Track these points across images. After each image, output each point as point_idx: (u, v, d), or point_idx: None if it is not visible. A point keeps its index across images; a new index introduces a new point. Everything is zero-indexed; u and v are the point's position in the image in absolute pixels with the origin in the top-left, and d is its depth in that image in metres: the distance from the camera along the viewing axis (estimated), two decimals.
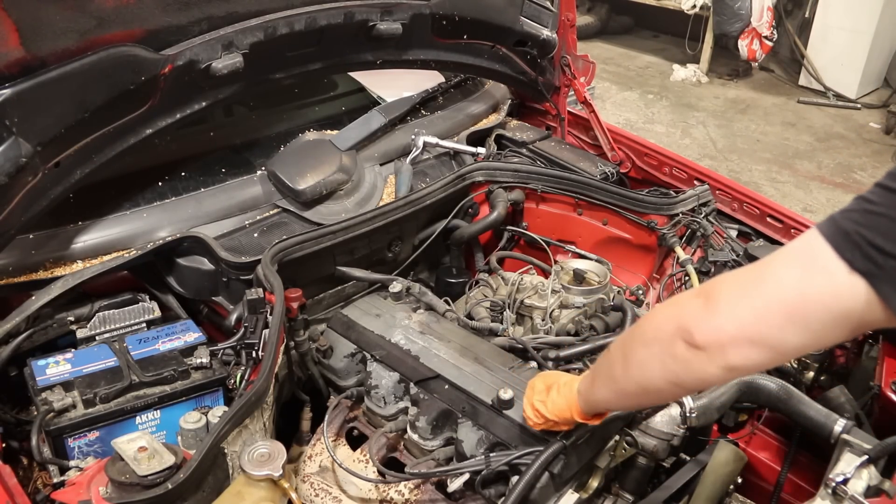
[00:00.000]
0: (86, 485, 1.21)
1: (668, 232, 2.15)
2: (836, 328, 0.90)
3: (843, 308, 0.87)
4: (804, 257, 0.91)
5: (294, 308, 1.61)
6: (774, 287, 0.92)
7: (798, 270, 0.91)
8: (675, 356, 1.00)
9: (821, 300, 0.88)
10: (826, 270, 0.87)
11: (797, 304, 0.90)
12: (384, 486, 1.54)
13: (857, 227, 0.86)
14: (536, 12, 2.35)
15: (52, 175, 1.52)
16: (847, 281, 0.85)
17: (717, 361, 0.96)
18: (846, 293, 0.86)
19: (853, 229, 0.86)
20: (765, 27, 6.61)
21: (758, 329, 0.92)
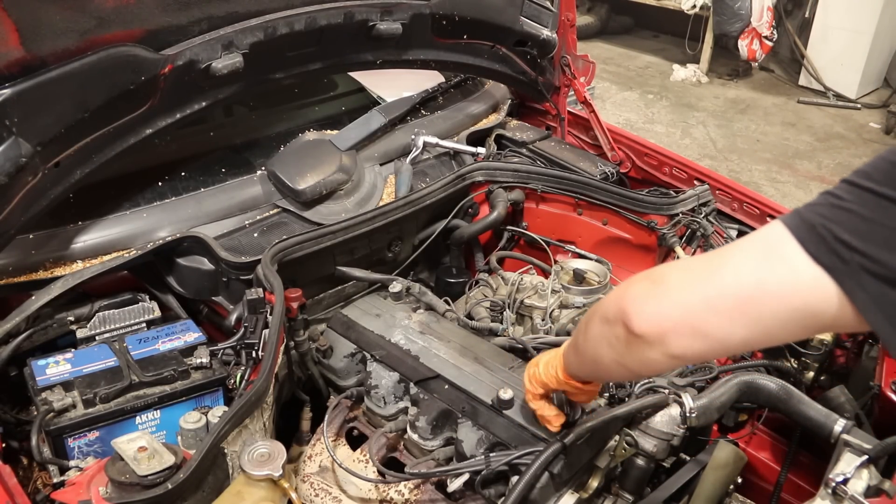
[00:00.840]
0: (86, 485, 1.21)
1: (668, 232, 2.15)
2: (791, 324, 0.87)
3: (801, 302, 0.85)
4: (765, 247, 0.88)
5: (294, 308, 1.61)
6: (730, 276, 0.88)
7: (757, 260, 0.88)
8: (619, 338, 0.98)
9: (779, 292, 0.86)
10: (788, 262, 0.85)
11: (752, 294, 0.87)
12: (384, 486, 1.54)
13: (823, 220, 0.84)
14: (536, 12, 2.35)
15: (52, 175, 1.52)
16: (810, 274, 0.83)
17: (658, 348, 0.94)
18: (807, 287, 0.84)
19: (819, 223, 0.84)
20: (765, 27, 6.61)
21: (705, 318, 0.89)
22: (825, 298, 0.83)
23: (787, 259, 0.85)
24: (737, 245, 0.92)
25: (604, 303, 1.06)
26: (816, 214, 0.85)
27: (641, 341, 0.94)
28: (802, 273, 0.83)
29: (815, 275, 0.83)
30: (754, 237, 0.91)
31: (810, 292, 0.84)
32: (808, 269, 0.83)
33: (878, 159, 0.86)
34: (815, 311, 0.85)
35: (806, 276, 0.83)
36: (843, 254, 0.81)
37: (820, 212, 0.85)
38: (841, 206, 0.84)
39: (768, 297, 0.86)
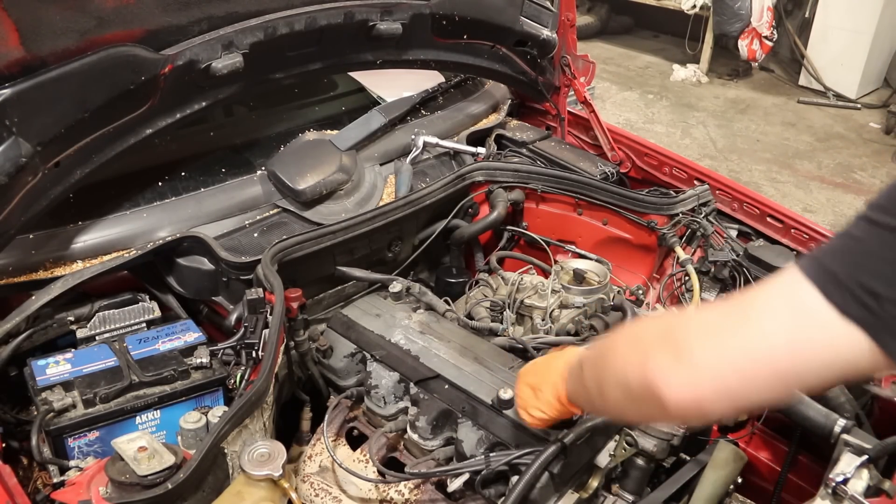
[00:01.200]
0: (86, 485, 1.21)
1: (668, 232, 2.15)
2: (826, 378, 0.83)
3: (836, 358, 0.80)
4: (791, 304, 0.82)
5: (294, 308, 1.61)
6: (759, 340, 0.82)
7: (785, 320, 0.81)
8: (650, 409, 0.93)
9: (812, 353, 0.81)
10: (817, 320, 0.79)
11: (786, 359, 0.82)
12: (384, 486, 1.54)
13: (846, 268, 0.78)
14: (536, 12, 2.35)
15: (52, 175, 1.52)
16: (841, 330, 0.78)
17: (695, 416, 0.90)
18: (844, 344, 0.78)
19: (843, 272, 0.78)
20: (765, 27, 6.61)
21: (741, 387, 0.84)
22: (860, 352, 0.78)
23: (815, 316, 0.80)
24: (759, 300, 0.85)
25: (618, 367, 0.98)
26: (837, 261, 0.80)
27: (678, 412, 0.90)
28: (833, 330, 0.79)
29: (846, 330, 0.78)
30: (776, 291, 0.85)
31: (844, 348, 0.79)
32: (838, 326, 0.78)
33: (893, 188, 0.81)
34: (850, 364, 0.81)
35: (837, 332, 0.78)
36: (872, 305, 0.76)
37: (840, 257, 0.80)
38: (861, 250, 0.78)
39: (802, 359, 0.82)
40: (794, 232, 2.10)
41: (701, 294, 2.08)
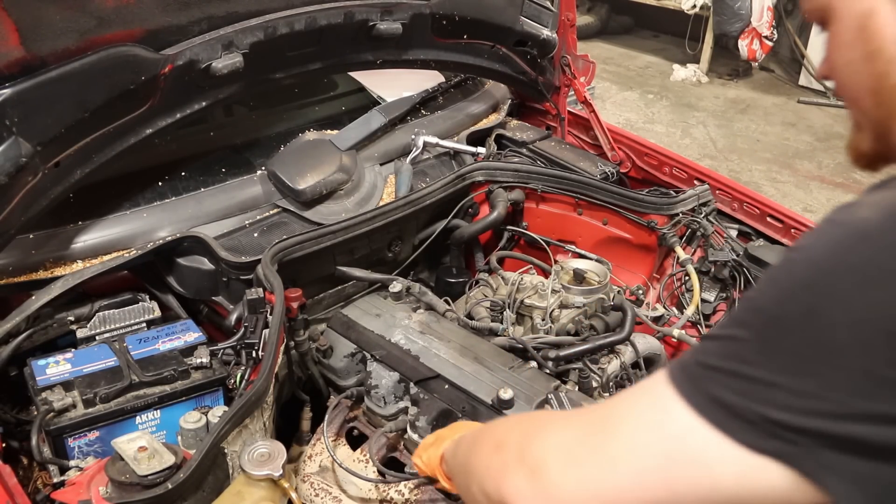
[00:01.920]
0: (86, 485, 1.21)
1: (669, 232, 2.15)
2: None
3: (745, 496, 0.67)
4: (665, 439, 0.69)
5: (294, 308, 1.61)
6: (629, 478, 0.71)
7: (661, 460, 0.69)
8: None
9: (700, 495, 0.68)
10: (707, 459, 0.67)
11: (668, 500, 0.69)
12: (384, 486, 1.54)
13: (744, 401, 0.64)
14: (536, 12, 2.35)
15: (52, 175, 1.52)
16: (754, 465, 0.65)
17: None
18: (756, 479, 0.65)
19: (740, 404, 0.65)
20: (765, 27, 6.61)
21: None
22: (770, 484, 0.65)
23: (703, 455, 0.67)
24: (625, 430, 0.73)
25: (481, 472, 0.88)
26: (728, 391, 0.66)
27: None
28: (732, 467, 0.66)
29: (761, 464, 0.65)
30: (647, 418, 0.71)
31: (745, 484, 0.66)
32: (749, 461, 0.65)
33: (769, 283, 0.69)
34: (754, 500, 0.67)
35: (739, 468, 0.66)
36: (788, 436, 0.63)
37: (731, 386, 0.66)
38: (758, 379, 0.64)
39: (682, 498, 0.69)
40: (794, 232, 2.11)
41: (701, 294, 2.08)
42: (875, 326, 0.60)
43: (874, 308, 0.60)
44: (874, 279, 0.61)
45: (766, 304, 0.66)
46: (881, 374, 0.60)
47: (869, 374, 0.60)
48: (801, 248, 0.68)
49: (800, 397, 0.62)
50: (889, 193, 0.65)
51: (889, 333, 0.59)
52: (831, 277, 0.63)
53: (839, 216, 0.66)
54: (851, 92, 0.78)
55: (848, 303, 0.61)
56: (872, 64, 0.73)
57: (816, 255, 0.65)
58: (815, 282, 0.64)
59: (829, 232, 0.66)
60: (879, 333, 0.60)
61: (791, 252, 0.68)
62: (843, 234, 0.64)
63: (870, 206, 0.64)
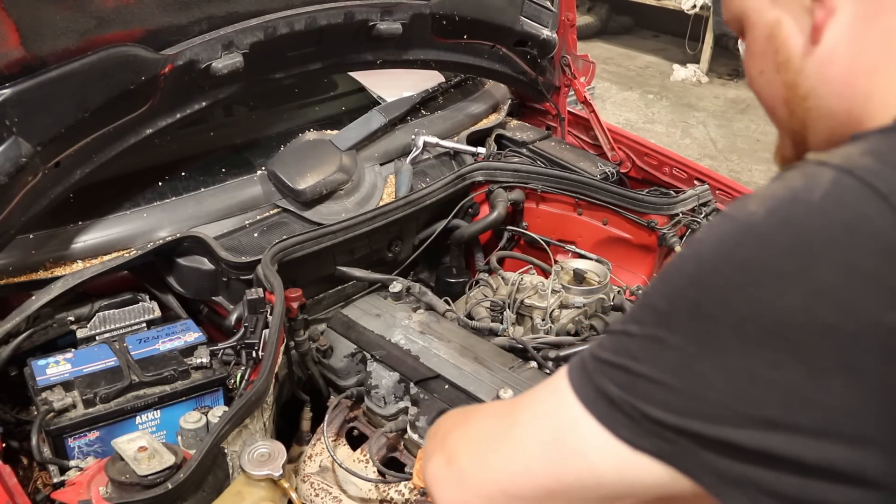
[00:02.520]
0: (86, 485, 1.21)
1: (669, 232, 2.15)
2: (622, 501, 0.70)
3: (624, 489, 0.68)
4: (554, 428, 0.70)
5: (294, 308, 1.61)
6: (522, 468, 0.72)
7: (547, 450, 0.70)
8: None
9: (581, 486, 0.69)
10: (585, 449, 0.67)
11: (553, 490, 0.71)
12: (384, 486, 1.54)
13: (626, 396, 0.64)
14: (536, 12, 2.35)
15: (52, 175, 1.52)
16: (633, 460, 0.65)
17: None
18: (635, 474, 0.66)
19: (620, 397, 0.65)
20: None
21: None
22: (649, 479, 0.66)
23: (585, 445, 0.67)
24: (525, 418, 0.74)
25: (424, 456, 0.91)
26: (613, 384, 0.66)
27: None
28: (611, 460, 0.66)
29: (638, 461, 0.65)
30: (543, 408, 0.73)
31: (624, 478, 0.67)
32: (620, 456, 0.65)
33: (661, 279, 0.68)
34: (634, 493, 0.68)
35: (618, 463, 0.66)
36: (667, 435, 0.63)
37: (616, 380, 0.66)
38: (642, 375, 0.64)
39: (569, 489, 0.70)
40: None
41: None
42: (758, 326, 0.58)
43: (757, 306, 0.59)
44: (757, 277, 0.59)
45: (656, 300, 0.65)
46: (763, 377, 0.58)
47: (751, 376, 0.59)
48: (694, 242, 0.66)
49: (680, 397, 0.61)
50: (777, 186, 0.63)
51: (771, 333, 0.58)
52: (716, 274, 0.61)
53: (731, 209, 0.65)
54: (767, 101, 0.78)
55: (731, 301, 0.60)
56: (782, 74, 0.73)
57: (704, 250, 0.64)
58: (701, 278, 0.62)
59: (719, 226, 0.64)
60: (762, 333, 0.58)
61: (685, 247, 0.67)
62: (731, 228, 0.62)
63: (759, 199, 0.62)
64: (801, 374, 0.57)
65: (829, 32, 0.69)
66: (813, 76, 0.71)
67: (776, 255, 0.59)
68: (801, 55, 0.71)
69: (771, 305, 0.58)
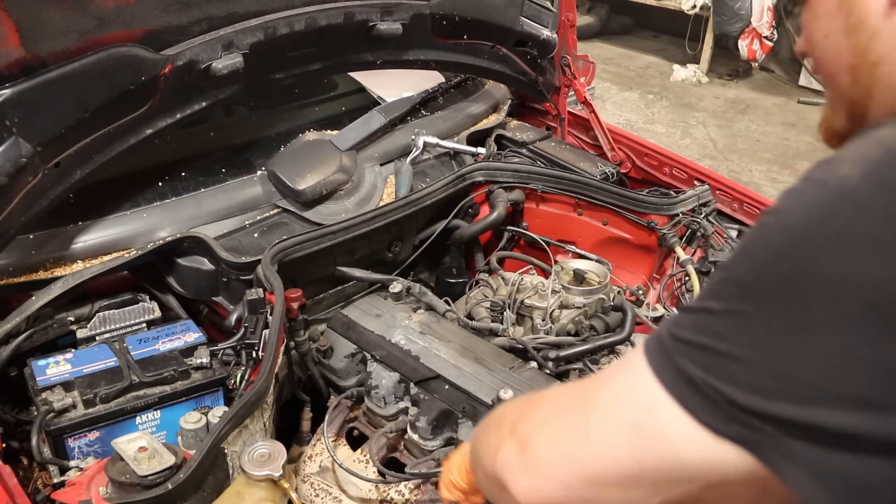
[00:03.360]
0: (86, 485, 1.21)
1: (669, 232, 2.15)
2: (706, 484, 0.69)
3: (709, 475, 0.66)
4: (634, 415, 0.68)
5: (294, 308, 1.61)
6: (602, 455, 0.70)
7: (628, 435, 0.68)
8: (506, 499, 0.81)
9: (666, 471, 0.67)
10: (669, 435, 0.65)
11: (635, 475, 0.69)
12: (384, 487, 1.54)
13: (708, 377, 0.61)
14: (536, 12, 2.35)
15: (52, 175, 1.52)
16: (715, 447, 0.62)
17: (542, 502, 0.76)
18: (718, 460, 0.63)
19: (702, 379, 0.62)
20: (765, 27, 6.61)
21: (591, 494, 0.72)
22: (731, 467, 0.64)
23: (666, 430, 0.65)
24: (601, 402, 0.72)
25: (482, 448, 0.88)
26: (694, 364, 0.63)
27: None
28: (693, 446, 0.64)
29: (720, 448, 0.62)
30: (621, 390, 0.70)
31: (708, 464, 0.64)
32: (701, 442, 0.63)
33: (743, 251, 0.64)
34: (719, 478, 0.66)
35: (700, 448, 0.63)
36: (751, 422, 0.60)
37: (698, 360, 0.63)
38: (725, 354, 0.60)
39: (653, 473, 0.68)
40: None
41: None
42: (855, 298, 0.55)
43: (854, 278, 0.55)
44: (855, 246, 0.55)
45: (740, 274, 0.62)
46: (858, 353, 0.55)
47: (845, 353, 0.55)
48: (778, 211, 0.62)
49: (766, 376, 0.58)
50: (868, 145, 0.59)
51: (869, 307, 0.54)
52: (808, 244, 0.58)
53: (818, 174, 0.60)
54: (828, 68, 0.73)
55: (825, 273, 0.56)
56: (852, 38, 0.68)
57: (793, 219, 0.60)
58: (791, 249, 0.58)
59: (807, 192, 0.60)
60: (858, 306, 0.55)
61: (767, 216, 0.62)
62: (822, 195, 0.59)
63: (850, 162, 0.58)
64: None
65: None
66: (889, 41, 0.66)
67: (876, 222, 0.55)
68: (878, 17, 0.66)
69: (870, 277, 0.54)
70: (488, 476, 0.84)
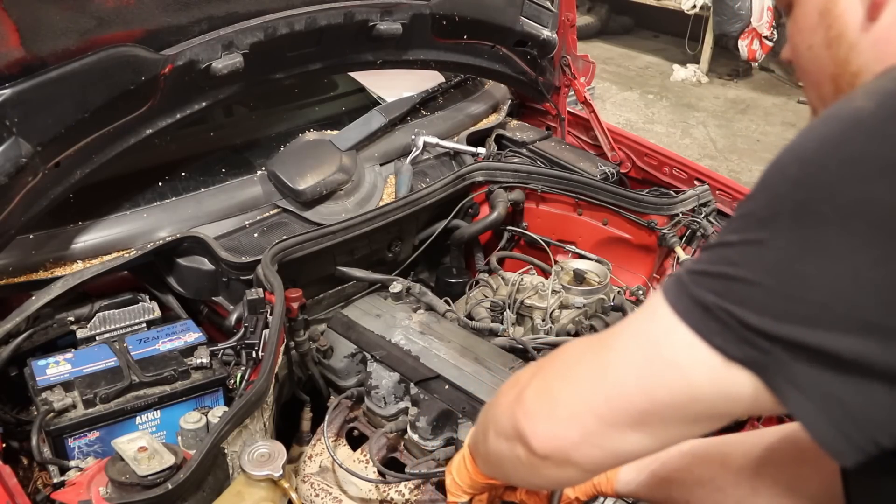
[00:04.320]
0: (86, 485, 1.21)
1: (669, 232, 2.15)
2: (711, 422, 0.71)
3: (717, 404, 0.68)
4: (648, 346, 0.70)
5: (294, 308, 1.61)
6: (615, 387, 0.72)
7: (639, 365, 0.70)
8: (521, 459, 0.82)
9: (674, 401, 0.68)
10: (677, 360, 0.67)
11: (646, 408, 0.70)
12: (384, 487, 1.54)
13: (719, 300, 0.63)
14: (536, 12, 2.35)
15: (52, 175, 1.52)
16: (725, 371, 0.64)
17: (566, 467, 0.78)
18: (728, 385, 0.65)
19: (715, 304, 0.63)
20: (765, 27, 6.61)
21: (604, 434, 0.74)
22: (738, 392, 0.65)
23: (678, 356, 0.67)
24: (619, 338, 0.74)
25: (496, 413, 0.90)
26: (709, 291, 0.64)
27: (547, 461, 0.79)
28: (704, 370, 0.65)
29: (731, 373, 0.64)
30: (636, 326, 0.73)
31: (716, 390, 0.66)
32: (718, 368, 0.64)
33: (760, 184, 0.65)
34: (739, 409, 0.68)
35: (710, 373, 0.65)
36: (761, 343, 0.61)
37: (712, 287, 0.64)
38: (739, 278, 0.62)
39: (663, 407, 0.70)
40: None
41: None
42: (867, 222, 0.56)
43: (866, 202, 0.56)
44: (868, 170, 0.57)
45: (756, 207, 0.64)
46: (867, 276, 0.56)
47: (855, 275, 0.56)
48: (793, 145, 0.63)
49: (779, 299, 0.60)
50: (884, 80, 0.62)
51: (879, 229, 0.56)
52: (822, 171, 0.59)
53: (834, 109, 0.62)
54: (812, 77, 0.77)
55: (839, 197, 0.57)
56: (833, 50, 0.72)
57: (808, 149, 0.61)
58: (806, 178, 0.60)
59: (822, 125, 0.62)
60: (869, 229, 0.56)
61: (783, 152, 0.64)
62: (836, 125, 0.60)
63: (865, 94, 0.61)
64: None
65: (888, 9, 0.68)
66: (867, 53, 0.69)
67: (890, 148, 0.56)
68: (856, 31, 0.69)
69: (881, 200, 0.56)
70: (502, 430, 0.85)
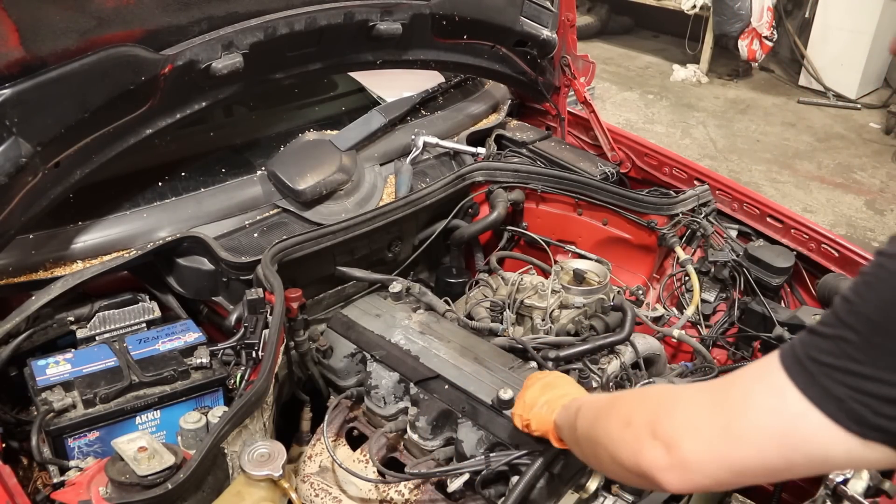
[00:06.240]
0: (86, 485, 1.21)
1: (668, 232, 2.15)
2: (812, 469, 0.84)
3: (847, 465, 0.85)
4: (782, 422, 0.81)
5: (294, 308, 1.61)
6: (756, 457, 0.83)
7: (778, 439, 0.81)
8: (632, 481, 0.99)
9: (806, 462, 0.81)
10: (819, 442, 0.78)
11: (781, 469, 0.83)
12: (384, 486, 1.54)
13: (853, 395, 0.76)
14: (536, 12, 2.35)
15: (52, 175, 1.52)
16: (861, 447, 0.77)
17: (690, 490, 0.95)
18: (863, 456, 0.78)
19: (849, 397, 0.76)
20: (765, 27, 6.62)
21: (736, 480, 0.88)
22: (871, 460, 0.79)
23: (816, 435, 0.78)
24: (750, 412, 0.84)
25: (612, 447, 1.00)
26: (839, 385, 0.77)
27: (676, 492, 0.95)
28: (842, 447, 0.78)
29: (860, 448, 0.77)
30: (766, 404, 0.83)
31: (850, 460, 0.79)
32: (850, 445, 0.77)
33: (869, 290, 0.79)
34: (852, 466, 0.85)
35: (848, 448, 0.77)
36: (891, 426, 0.75)
37: (844, 382, 0.76)
38: (867, 376, 0.75)
39: (797, 467, 0.82)
40: (794, 232, 2.11)
41: (701, 294, 2.08)
42: None
43: None
44: None
45: (870, 311, 0.76)
46: None
47: None
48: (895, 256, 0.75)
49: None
50: None
51: None
52: None
53: None
54: None
55: None
56: None
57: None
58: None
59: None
60: None
61: (887, 259, 0.77)
62: None
63: None
64: None
65: None
66: None
67: None
68: None
69: None
70: (624, 468, 0.96)
